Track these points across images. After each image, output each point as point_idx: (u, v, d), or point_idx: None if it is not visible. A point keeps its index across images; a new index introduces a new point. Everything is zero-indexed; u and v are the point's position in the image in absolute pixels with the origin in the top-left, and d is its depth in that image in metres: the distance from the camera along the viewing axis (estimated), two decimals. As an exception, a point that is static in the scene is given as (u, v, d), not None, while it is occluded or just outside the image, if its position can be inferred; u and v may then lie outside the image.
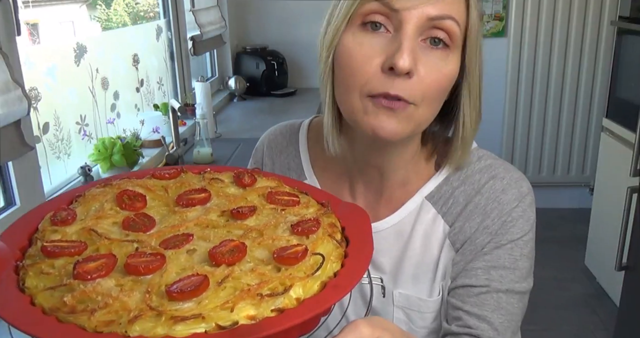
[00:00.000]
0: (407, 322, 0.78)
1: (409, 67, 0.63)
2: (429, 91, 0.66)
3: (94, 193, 0.63)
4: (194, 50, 2.84)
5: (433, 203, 0.77)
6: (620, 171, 2.52)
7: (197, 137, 2.17)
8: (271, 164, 0.89)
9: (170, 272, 0.50)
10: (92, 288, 0.47)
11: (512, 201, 0.75)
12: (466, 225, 0.75)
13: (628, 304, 2.28)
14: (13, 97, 1.30)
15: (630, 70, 2.63)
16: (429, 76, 0.65)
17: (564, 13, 3.46)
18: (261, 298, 0.47)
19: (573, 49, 3.51)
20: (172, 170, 0.68)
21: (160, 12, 2.63)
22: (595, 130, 3.60)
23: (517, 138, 3.71)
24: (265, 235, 0.56)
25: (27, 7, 1.63)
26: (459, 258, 0.76)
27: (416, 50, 0.65)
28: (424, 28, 0.65)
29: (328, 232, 0.57)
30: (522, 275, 0.75)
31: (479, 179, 0.76)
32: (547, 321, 2.65)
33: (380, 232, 0.78)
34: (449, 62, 0.67)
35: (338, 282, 0.51)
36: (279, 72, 3.34)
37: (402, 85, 0.64)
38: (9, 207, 1.44)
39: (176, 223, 0.58)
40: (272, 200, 0.63)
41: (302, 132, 0.88)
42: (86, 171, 1.71)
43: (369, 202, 0.81)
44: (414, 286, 0.77)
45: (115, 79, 2.07)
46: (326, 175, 0.84)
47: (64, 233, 0.56)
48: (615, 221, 2.50)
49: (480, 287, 0.73)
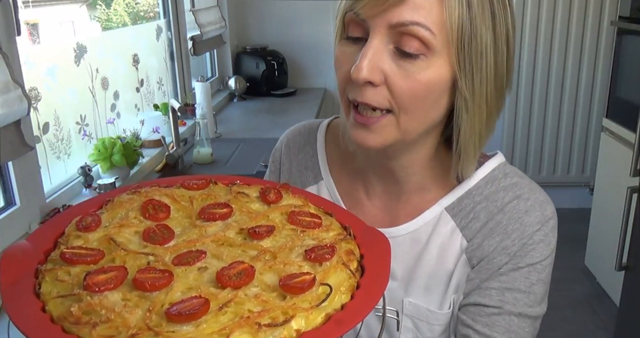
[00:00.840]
0: (415, 331, 0.77)
1: (363, 77, 0.63)
2: (401, 99, 0.65)
3: (122, 200, 0.64)
4: (194, 50, 2.84)
5: (452, 215, 0.76)
6: (620, 171, 2.52)
7: (197, 137, 2.17)
8: (289, 163, 0.89)
9: (175, 291, 0.50)
10: (98, 301, 0.48)
11: (534, 224, 0.73)
12: (485, 242, 0.74)
13: (628, 304, 2.28)
14: (13, 97, 1.30)
15: (630, 70, 2.63)
16: (398, 84, 0.64)
17: (564, 13, 3.46)
18: (259, 327, 0.46)
19: (573, 49, 3.51)
20: (201, 180, 0.69)
21: (160, 12, 2.63)
22: (595, 130, 3.60)
23: (517, 138, 3.71)
24: (278, 259, 0.55)
25: (27, 7, 1.63)
26: (474, 276, 0.74)
27: (383, 58, 0.64)
28: (391, 35, 0.63)
29: (343, 260, 0.56)
30: (537, 300, 0.74)
31: (503, 197, 0.75)
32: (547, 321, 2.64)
33: (395, 237, 0.76)
34: (425, 68, 0.64)
35: (342, 316, 0.49)
36: (279, 72, 3.34)
37: (369, 93, 0.65)
38: (9, 207, 1.44)
39: (194, 237, 0.59)
40: (294, 220, 0.63)
41: (320, 132, 0.88)
42: (86, 171, 1.71)
43: (386, 205, 0.80)
44: (424, 296, 0.76)
45: (115, 79, 2.07)
46: (343, 175, 0.84)
47: (86, 240, 0.58)
48: (615, 221, 2.50)
49: (493, 308, 0.72)
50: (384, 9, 0.62)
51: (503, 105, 0.71)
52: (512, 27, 0.67)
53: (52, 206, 1.57)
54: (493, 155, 0.79)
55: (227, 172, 2.08)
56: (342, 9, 0.68)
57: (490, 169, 0.77)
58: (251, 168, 2.07)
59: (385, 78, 0.64)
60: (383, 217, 0.80)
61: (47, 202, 1.56)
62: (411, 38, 0.62)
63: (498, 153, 0.80)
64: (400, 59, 0.64)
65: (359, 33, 0.66)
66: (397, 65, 0.64)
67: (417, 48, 0.63)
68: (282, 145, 0.91)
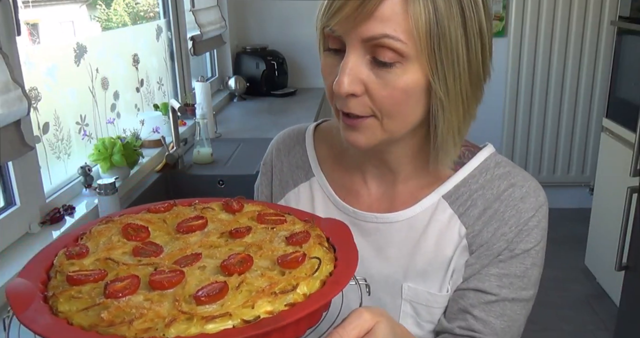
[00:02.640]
0: (414, 316, 0.79)
1: (345, 91, 0.67)
2: (383, 106, 0.68)
3: (99, 230, 0.68)
4: (194, 50, 2.84)
5: (450, 203, 0.79)
6: (620, 171, 2.52)
7: (197, 137, 2.18)
8: (280, 164, 0.92)
9: (190, 284, 0.56)
10: (126, 304, 0.53)
11: (529, 210, 0.77)
12: (484, 230, 0.77)
13: (628, 304, 2.29)
14: (13, 97, 1.30)
15: (630, 70, 2.63)
16: (379, 93, 0.68)
17: (564, 13, 3.46)
18: (275, 295, 0.54)
19: (573, 49, 3.51)
20: (165, 204, 0.75)
21: (160, 12, 2.63)
22: (595, 130, 3.60)
23: (517, 138, 3.71)
24: (265, 248, 0.63)
25: (27, 7, 1.63)
26: (474, 261, 0.78)
27: (361, 70, 0.67)
28: (366, 48, 0.67)
29: (317, 241, 0.65)
30: (530, 283, 0.78)
31: (498, 185, 0.78)
32: (547, 321, 2.65)
33: (393, 223, 0.80)
34: (401, 75, 0.66)
35: (335, 279, 0.59)
36: (279, 72, 3.34)
37: (352, 103, 0.69)
38: (9, 207, 1.44)
39: (182, 246, 0.64)
40: (262, 220, 0.71)
41: (308, 133, 0.92)
42: (86, 171, 1.71)
43: (383, 193, 0.83)
44: (423, 281, 0.79)
45: (115, 79, 2.07)
46: (336, 171, 0.87)
47: (81, 265, 0.61)
48: (615, 221, 2.51)
49: (492, 295, 0.77)
50: (354, 25, 0.65)
51: (482, 94, 0.74)
52: (485, 18, 0.69)
53: (52, 206, 1.57)
54: (484, 147, 0.83)
55: (227, 172, 2.09)
56: (319, 22, 0.70)
57: (483, 159, 0.81)
58: (251, 168, 2.07)
59: (365, 88, 0.68)
60: (380, 204, 0.83)
61: (47, 202, 1.56)
62: (384, 49, 0.65)
63: (488, 144, 0.84)
64: (377, 69, 0.67)
65: (337, 45, 0.70)
66: (375, 74, 0.67)
67: (391, 57, 0.66)
68: (273, 148, 0.95)
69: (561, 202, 3.67)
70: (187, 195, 2.08)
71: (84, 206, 1.65)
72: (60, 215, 1.55)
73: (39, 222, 1.50)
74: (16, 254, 1.36)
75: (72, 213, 1.59)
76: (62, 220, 1.54)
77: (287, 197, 0.90)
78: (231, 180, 2.06)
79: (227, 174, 2.08)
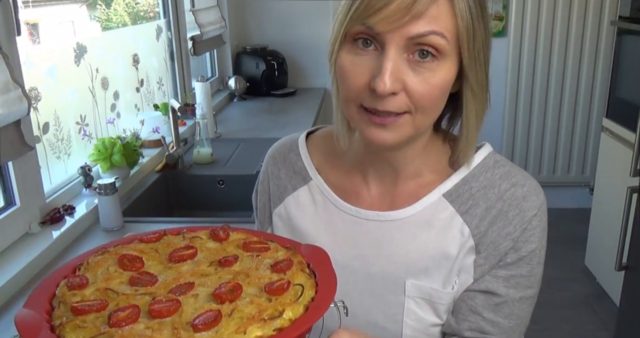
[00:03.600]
0: (417, 312, 0.80)
1: (389, 90, 0.67)
2: (420, 103, 0.70)
3: (96, 260, 0.72)
4: (194, 50, 2.85)
5: (451, 201, 0.80)
6: (620, 171, 2.52)
7: (197, 137, 2.18)
8: (277, 171, 0.93)
9: (187, 312, 0.61)
10: (129, 332, 0.57)
11: (532, 208, 0.79)
12: (489, 230, 0.79)
13: (628, 304, 2.29)
14: (13, 97, 1.30)
15: (630, 70, 2.63)
16: (417, 90, 0.69)
17: (564, 13, 3.46)
18: (264, 321, 0.59)
19: (573, 49, 3.51)
20: (155, 234, 0.79)
21: (160, 12, 2.63)
22: (595, 130, 3.60)
23: (517, 138, 3.71)
24: (252, 276, 0.68)
25: (27, 7, 1.63)
26: (483, 262, 0.79)
27: (401, 68, 0.68)
28: (407, 47, 0.68)
29: (300, 268, 0.70)
30: (536, 281, 0.81)
31: (500, 185, 0.80)
32: (547, 321, 2.65)
33: (395, 221, 0.81)
34: (438, 72, 0.69)
35: (317, 304, 0.64)
36: (279, 72, 3.34)
37: (390, 102, 0.69)
38: (9, 207, 1.44)
39: (175, 276, 0.69)
40: (248, 248, 0.75)
41: (300, 141, 0.93)
42: (86, 171, 1.71)
43: (383, 193, 0.84)
44: (426, 277, 0.80)
45: (115, 79, 2.07)
46: (334, 174, 0.88)
47: (83, 295, 0.65)
48: (615, 221, 2.51)
49: (501, 297, 0.79)
50: (401, 24, 0.66)
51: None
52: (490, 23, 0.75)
53: (52, 206, 1.57)
54: (482, 146, 0.85)
55: (227, 172, 2.09)
56: (345, 18, 0.70)
57: (482, 157, 0.83)
58: (251, 168, 2.07)
59: (403, 85, 0.69)
60: (380, 203, 0.84)
61: (47, 202, 1.56)
62: (426, 46, 0.67)
63: (486, 143, 0.86)
64: (415, 66, 0.69)
65: (367, 43, 0.70)
66: (413, 72, 0.69)
67: (432, 54, 0.68)
68: (268, 158, 0.96)
69: (561, 202, 3.67)
70: (187, 195, 2.09)
71: (84, 206, 1.65)
72: (60, 215, 1.55)
73: (39, 222, 1.50)
74: (16, 254, 1.36)
75: (72, 213, 1.59)
76: (62, 220, 1.54)
77: (286, 202, 0.90)
78: (231, 180, 2.06)
79: (227, 174, 2.08)
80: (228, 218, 0.97)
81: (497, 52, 3.54)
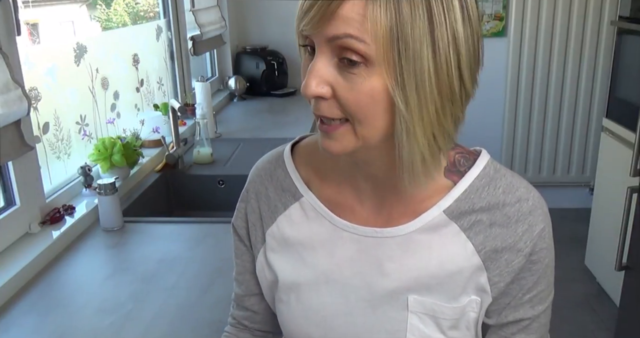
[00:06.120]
0: (421, 328, 0.78)
1: (313, 93, 0.65)
2: (350, 110, 0.66)
3: None
4: (194, 50, 2.85)
5: (452, 218, 0.77)
6: (620, 171, 2.52)
7: (197, 137, 2.18)
8: (265, 190, 0.89)
9: None
10: None
11: (539, 222, 0.77)
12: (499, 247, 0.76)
13: (628, 304, 2.29)
14: (13, 97, 1.30)
15: (630, 70, 2.63)
16: (344, 96, 0.66)
17: (564, 13, 3.46)
18: None
19: (573, 49, 3.51)
20: None
21: (160, 12, 2.63)
22: (595, 130, 3.60)
23: (517, 138, 3.71)
24: None
25: (27, 7, 1.63)
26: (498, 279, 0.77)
27: (330, 72, 0.65)
28: (333, 50, 0.65)
29: None
30: (551, 287, 0.82)
31: (504, 200, 0.76)
32: (547, 321, 2.65)
33: (394, 237, 0.78)
34: (368, 79, 0.63)
35: None
36: (279, 72, 3.35)
37: (321, 106, 0.67)
38: (9, 207, 1.44)
39: None
40: None
41: (286, 155, 0.89)
42: (86, 171, 1.71)
43: (377, 207, 0.80)
44: (429, 293, 0.77)
45: (115, 79, 2.07)
46: (325, 188, 0.84)
47: None
48: (615, 221, 2.51)
49: (530, 318, 0.80)
50: (320, 25, 0.64)
51: (461, 110, 0.68)
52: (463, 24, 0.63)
53: (52, 206, 1.57)
54: (479, 152, 0.80)
55: (227, 172, 2.09)
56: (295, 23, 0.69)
57: (481, 168, 0.78)
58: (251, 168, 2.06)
59: (333, 91, 0.66)
60: (376, 218, 0.80)
61: (47, 202, 1.56)
62: (349, 51, 0.63)
63: (483, 150, 0.80)
64: (344, 71, 0.65)
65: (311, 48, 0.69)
66: (342, 77, 0.65)
67: (357, 59, 0.63)
68: (254, 176, 0.92)
69: (561, 202, 3.67)
70: (187, 195, 2.09)
71: (84, 206, 1.65)
72: (60, 215, 1.55)
73: (39, 222, 1.50)
74: (16, 254, 1.36)
75: (72, 213, 1.59)
76: (62, 220, 1.54)
77: (279, 221, 0.85)
78: (231, 180, 2.06)
79: (227, 174, 2.08)
80: (228, 219, 0.96)
81: (497, 52, 3.54)
